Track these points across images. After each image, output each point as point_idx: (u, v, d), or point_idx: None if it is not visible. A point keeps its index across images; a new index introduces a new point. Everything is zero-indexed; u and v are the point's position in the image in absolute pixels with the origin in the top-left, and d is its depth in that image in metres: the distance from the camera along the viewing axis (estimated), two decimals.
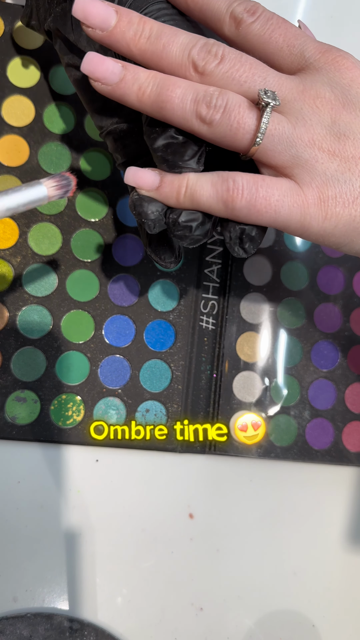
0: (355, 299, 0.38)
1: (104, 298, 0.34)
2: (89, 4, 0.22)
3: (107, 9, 0.23)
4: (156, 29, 0.23)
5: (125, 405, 0.34)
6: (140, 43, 0.23)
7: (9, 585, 0.33)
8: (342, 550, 0.37)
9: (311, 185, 0.24)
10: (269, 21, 0.24)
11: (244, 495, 0.36)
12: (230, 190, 0.23)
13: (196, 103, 0.23)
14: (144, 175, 0.24)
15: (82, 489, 0.34)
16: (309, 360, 0.37)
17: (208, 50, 0.23)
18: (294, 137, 0.23)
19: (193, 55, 0.23)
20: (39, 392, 0.33)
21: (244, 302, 0.36)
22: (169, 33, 0.23)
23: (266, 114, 0.23)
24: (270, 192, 0.24)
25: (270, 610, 0.36)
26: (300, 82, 0.24)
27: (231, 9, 0.24)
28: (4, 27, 0.33)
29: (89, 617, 0.33)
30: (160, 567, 0.34)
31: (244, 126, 0.23)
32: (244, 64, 0.23)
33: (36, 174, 0.33)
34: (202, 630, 0.35)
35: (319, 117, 0.24)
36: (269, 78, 0.23)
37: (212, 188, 0.24)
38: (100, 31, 0.23)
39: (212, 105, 0.23)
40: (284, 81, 0.24)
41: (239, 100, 0.23)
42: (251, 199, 0.23)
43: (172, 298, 0.35)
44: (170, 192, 0.24)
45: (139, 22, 0.23)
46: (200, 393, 0.35)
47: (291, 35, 0.24)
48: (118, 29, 0.23)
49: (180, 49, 0.23)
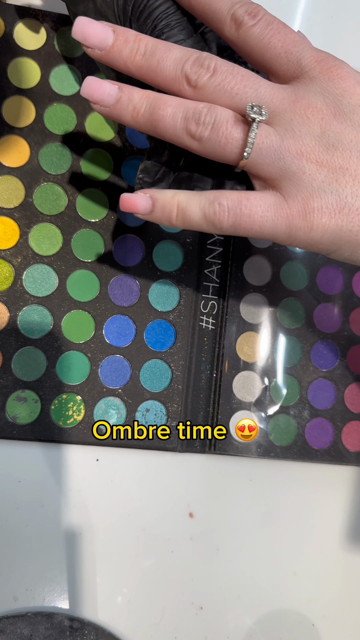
0: (355, 299, 0.38)
1: (104, 298, 0.34)
2: (87, 26, 0.24)
3: (104, 29, 0.24)
4: (151, 46, 0.24)
5: (126, 405, 0.34)
6: (136, 60, 0.24)
7: (10, 585, 0.33)
8: (341, 549, 0.37)
9: (297, 197, 0.24)
10: (269, 25, 0.24)
11: (244, 494, 0.36)
12: (216, 213, 0.25)
13: (186, 121, 0.24)
14: (137, 200, 0.26)
15: (83, 488, 0.34)
16: (309, 360, 0.37)
17: (200, 63, 0.24)
18: (282, 149, 0.24)
19: (186, 70, 0.24)
20: (39, 392, 0.33)
21: (244, 302, 0.36)
22: (163, 49, 0.24)
23: (253, 129, 0.23)
24: (254, 209, 0.24)
25: (270, 610, 0.36)
26: (293, 91, 0.24)
27: (232, 10, 0.24)
28: (5, 28, 0.33)
29: (89, 616, 0.33)
30: (160, 567, 0.34)
31: (231, 141, 0.24)
32: (235, 76, 0.24)
33: (37, 174, 0.33)
34: (202, 629, 0.35)
35: (308, 128, 0.24)
36: (260, 89, 0.24)
37: (200, 212, 0.25)
38: (99, 50, 0.24)
39: (201, 122, 0.24)
40: (276, 92, 0.24)
41: (227, 115, 0.24)
42: (236, 219, 0.25)
43: (172, 298, 0.35)
44: (162, 216, 0.26)
45: (135, 40, 0.24)
46: (200, 393, 0.35)
47: (290, 42, 0.25)
48: (115, 47, 0.24)
49: (173, 64, 0.24)
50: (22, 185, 0.33)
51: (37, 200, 0.33)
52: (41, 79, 0.33)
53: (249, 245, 0.37)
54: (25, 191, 0.33)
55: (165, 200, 0.26)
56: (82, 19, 0.24)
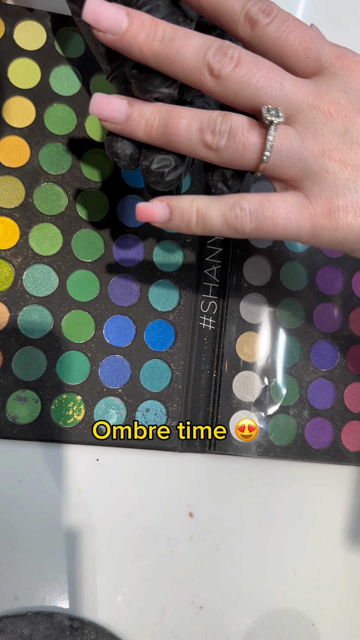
0: (354, 299, 0.38)
1: (104, 298, 0.34)
2: (100, 7, 0.22)
3: (118, 11, 0.22)
4: (169, 31, 0.22)
5: (126, 404, 0.34)
6: (153, 46, 0.22)
7: (10, 584, 0.33)
8: (341, 549, 0.37)
9: (320, 197, 0.24)
10: (285, 23, 0.23)
11: (244, 494, 0.36)
12: (238, 218, 0.24)
13: (201, 131, 0.23)
14: (154, 209, 0.25)
15: (83, 488, 0.34)
16: (308, 360, 0.37)
17: (224, 52, 0.22)
18: (303, 149, 0.23)
19: (208, 58, 0.22)
20: (39, 392, 0.33)
21: (244, 302, 0.36)
22: (183, 35, 0.22)
23: (270, 132, 0.23)
24: (276, 211, 0.24)
25: (270, 609, 0.36)
26: (316, 87, 0.24)
27: (246, 9, 0.23)
28: (5, 29, 0.33)
29: (90, 616, 0.33)
30: (161, 566, 0.34)
31: (249, 147, 0.23)
32: (260, 68, 0.23)
33: (37, 175, 0.33)
34: (202, 628, 0.35)
35: (331, 126, 0.23)
36: (285, 84, 0.23)
37: (221, 217, 0.24)
38: (112, 35, 0.22)
39: (217, 132, 0.23)
40: (301, 86, 0.23)
41: (242, 121, 0.23)
42: (259, 222, 0.24)
43: (172, 298, 0.35)
44: (180, 224, 0.25)
45: (152, 24, 0.22)
46: (200, 393, 0.35)
47: (307, 38, 0.24)
48: (130, 32, 0.22)
49: (194, 51, 0.22)
50: (22, 186, 0.33)
51: (37, 201, 0.33)
52: (41, 79, 0.33)
53: (249, 245, 0.37)
54: (26, 191, 0.33)
55: (183, 207, 0.25)
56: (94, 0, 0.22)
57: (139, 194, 0.35)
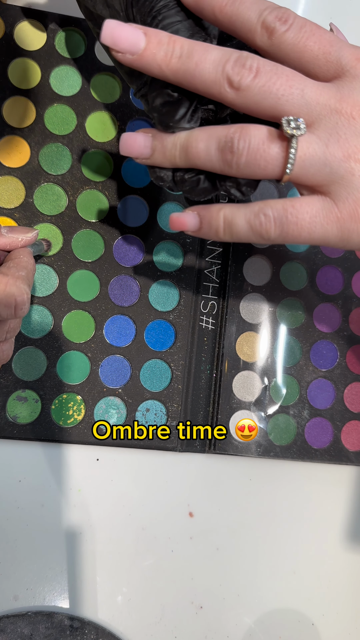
0: (354, 299, 0.38)
1: (105, 298, 0.34)
2: (117, 29, 0.22)
3: (135, 32, 0.22)
4: (187, 47, 0.23)
5: (126, 404, 0.34)
6: (172, 63, 0.23)
7: (10, 584, 0.33)
8: (341, 548, 0.37)
9: (347, 200, 0.24)
10: (303, 29, 0.23)
11: (244, 494, 0.36)
12: (263, 224, 0.24)
13: (221, 152, 0.23)
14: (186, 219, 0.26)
15: (83, 487, 0.34)
16: (308, 359, 0.37)
17: (242, 64, 0.22)
18: (327, 155, 0.23)
19: (227, 71, 0.22)
20: (40, 392, 0.33)
21: (244, 302, 0.36)
22: (201, 50, 0.23)
23: (292, 146, 0.23)
24: (300, 216, 0.24)
25: (270, 609, 0.36)
26: (338, 90, 0.24)
27: (262, 18, 0.23)
28: (5, 29, 0.33)
29: (90, 616, 0.33)
30: (160, 566, 0.34)
31: (272, 161, 0.23)
32: (280, 76, 0.23)
33: (37, 175, 0.33)
34: (202, 628, 0.35)
35: (354, 129, 0.23)
36: (306, 89, 0.23)
37: (246, 224, 0.25)
38: (131, 55, 0.23)
39: (236, 150, 0.23)
40: (322, 91, 0.23)
41: (262, 136, 0.23)
42: (283, 228, 0.24)
43: (172, 298, 0.35)
44: (209, 232, 0.26)
45: (169, 41, 0.23)
46: (200, 392, 0.35)
47: (326, 42, 0.24)
48: (148, 51, 0.22)
49: (213, 65, 0.23)
50: (22, 186, 0.33)
51: (37, 201, 0.33)
52: (41, 79, 0.33)
53: (249, 245, 0.37)
54: (26, 191, 0.33)
55: (211, 216, 0.26)
56: (111, 22, 0.22)
57: (139, 194, 0.35)
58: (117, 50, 0.23)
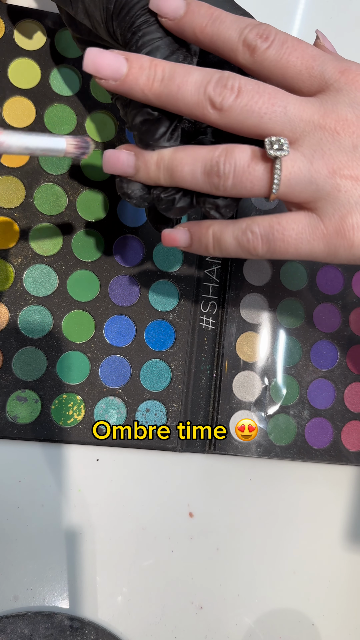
0: (354, 299, 0.38)
1: (105, 298, 0.34)
2: (98, 57, 0.22)
3: (116, 58, 0.23)
4: (168, 71, 0.23)
5: (126, 404, 0.34)
6: (154, 87, 0.23)
7: (10, 584, 0.33)
8: (341, 548, 0.37)
9: (333, 216, 0.24)
10: (284, 45, 0.23)
11: (244, 494, 0.36)
12: (250, 241, 0.25)
13: (207, 175, 0.23)
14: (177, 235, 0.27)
15: (83, 488, 0.34)
16: (308, 360, 0.37)
17: (224, 84, 0.22)
18: (312, 173, 0.23)
19: (209, 92, 0.22)
20: (39, 392, 0.33)
21: (244, 302, 0.36)
22: (182, 72, 0.23)
23: (277, 168, 0.23)
24: (287, 233, 0.24)
25: (270, 609, 0.36)
26: (321, 105, 0.23)
27: (243, 36, 0.23)
28: (5, 29, 0.33)
29: (90, 616, 0.33)
30: (161, 566, 0.34)
31: (258, 182, 0.23)
32: (262, 94, 0.23)
33: (37, 174, 0.33)
34: (202, 628, 0.35)
35: (339, 144, 0.23)
36: (289, 106, 0.23)
37: (234, 241, 0.25)
38: (114, 81, 0.23)
39: (221, 174, 0.23)
40: (305, 106, 0.23)
41: (246, 158, 0.23)
42: (270, 245, 0.24)
43: (172, 298, 0.35)
44: (200, 248, 0.26)
45: (150, 65, 0.23)
46: (200, 393, 0.35)
47: (309, 57, 0.24)
48: (130, 76, 0.23)
49: (195, 87, 0.23)
50: (22, 186, 0.33)
51: (37, 201, 0.33)
52: (41, 79, 0.33)
53: None
54: (26, 191, 0.33)
55: (201, 232, 0.26)
56: (92, 50, 0.22)
57: None
58: (100, 77, 0.23)
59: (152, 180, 0.25)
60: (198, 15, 0.23)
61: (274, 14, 0.40)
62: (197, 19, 0.23)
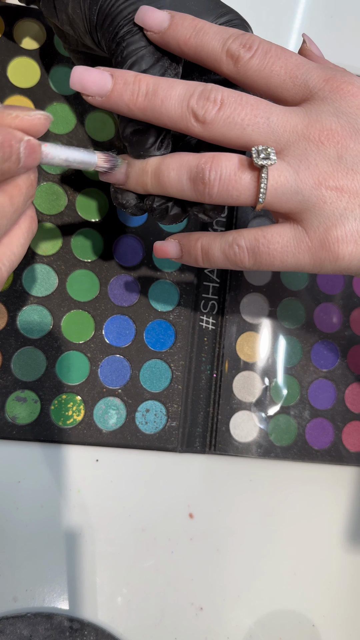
0: (355, 298, 0.38)
1: (104, 298, 0.34)
2: (84, 74, 0.23)
3: (101, 75, 0.23)
4: (152, 85, 0.23)
5: (126, 405, 0.34)
6: (138, 102, 0.23)
7: (9, 585, 0.33)
8: (342, 550, 0.37)
9: (318, 228, 0.24)
10: (268, 54, 0.23)
11: (244, 495, 0.36)
12: (237, 255, 0.25)
13: (192, 182, 0.24)
14: (168, 247, 0.27)
15: (82, 488, 0.34)
16: (309, 360, 0.37)
17: (207, 97, 0.23)
18: (298, 183, 0.23)
19: (192, 105, 0.23)
20: (39, 392, 0.33)
21: (244, 302, 0.36)
22: (165, 86, 0.23)
23: (263, 177, 0.23)
24: (272, 246, 0.24)
25: (270, 610, 0.36)
26: (305, 115, 0.23)
27: (226, 46, 0.23)
28: (4, 28, 0.33)
29: (89, 617, 0.33)
30: (160, 567, 0.34)
31: (244, 191, 0.23)
32: (245, 106, 0.23)
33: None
34: (202, 629, 0.35)
35: (324, 154, 0.23)
36: (272, 117, 0.23)
37: (222, 254, 0.25)
38: (100, 97, 0.23)
39: (207, 181, 0.23)
40: (288, 117, 0.23)
41: (232, 166, 0.23)
42: (257, 258, 0.25)
43: (172, 298, 0.35)
44: (190, 259, 0.27)
45: (134, 81, 0.23)
46: (200, 393, 0.35)
47: (292, 66, 0.23)
48: (115, 92, 0.23)
49: (178, 101, 0.23)
50: None
51: (36, 200, 0.33)
52: (41, 78, 0.33)
53: None
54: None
55: (190, 245, 0.27)
56: (78, 69, 0.23)
57: None
58: (86, 94, 0.23)
59: (140, 187, 0.25)
60: (182, 27, 0.23)
61: (274, 14, 0.39)
62: (180, 31, 0.23)
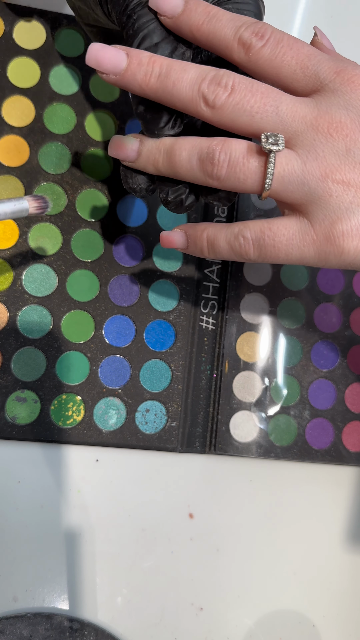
0: (355, 298, 0.38)
1: (104, 298, 0.34)
2: (101, 51, 0.23)
3: (117, 53, 0.23)
4: (165, 67, 0.23)
5: (126, 405, 0.34)
6: (151, 83, 0.23)
7: (9, 585, 0.33)
8: (342, 550, 0.37)
9: (323, 222, 0.24)
10: (280, 44, 0.23)
11: (244, 495, 0.36)
12: (242, 246, 0.25)
13: (202, 162, 0.24)
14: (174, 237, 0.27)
15: (82, 488, 0.34)
16: (309, 360, 0.37)
17: (218, 82, 0.23)
18: (305, 173, 0.23)
19: (203, 90, 0.23)
20: (39, 392, 0.33)
21: (244, 302, 0.36)
22: (178, 69, 0.23)
23: (270, 161, 0.23)
24: (277, 239, 0.24)
25: (270, 610, 0.36)
26: (315, 106, 0.23)
27: (239, 34, 0.23)
28: (5, 27, 0.33)
29: (89, 617, 0.33)
30: (160, 567, 0.34)
31: (251, 175, 0.23)
32: (255, 93, 0.23)
33: (36, 174, 0.33)
34: (202, 630, 0.35)
35: (332, 147, 0.23)
36: (281, 106, 0.23)
37: (227, 245, 0.26)
38: (114, 75, 0.23)
39: (216, 162, 0.23)
40: (298, 107, 0.23)
41: (242, 149, 0.23)
42: (261, 250, 0.25)
43: (172, 298, 0.35)
44: (195, 250, 0.27)
45: (149, 62, 0.23)
46: (200, 393, 0.35)
47: (304, 57, 0.23)
48: (129, 71, 0.23)
49: (189, 84, 0.23)
50: (21, 185, 0.33)
51: None
52: (41, 78, 0.33)
53: None
54: (25, 191, 0.33)
55: (196, 236, 0.27)
56: (95, 45, 0.23)
57: None
58: (101, 71, 0.23)
59: (151, 165, 0.25)
60: (195, 13, 0.23)
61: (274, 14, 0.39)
62: (194, 17, 0.23)
